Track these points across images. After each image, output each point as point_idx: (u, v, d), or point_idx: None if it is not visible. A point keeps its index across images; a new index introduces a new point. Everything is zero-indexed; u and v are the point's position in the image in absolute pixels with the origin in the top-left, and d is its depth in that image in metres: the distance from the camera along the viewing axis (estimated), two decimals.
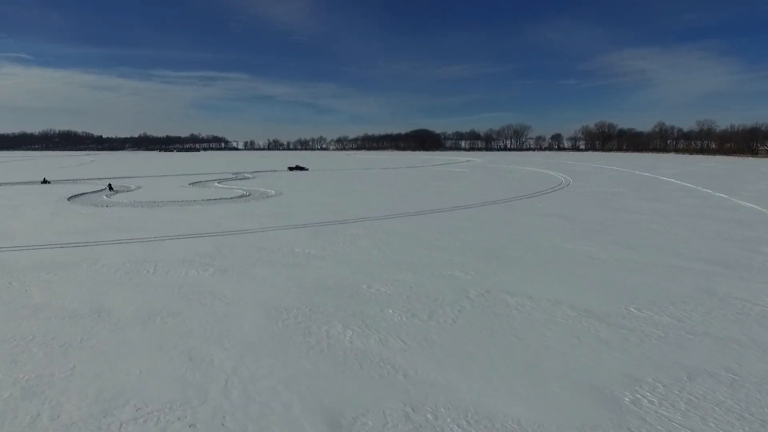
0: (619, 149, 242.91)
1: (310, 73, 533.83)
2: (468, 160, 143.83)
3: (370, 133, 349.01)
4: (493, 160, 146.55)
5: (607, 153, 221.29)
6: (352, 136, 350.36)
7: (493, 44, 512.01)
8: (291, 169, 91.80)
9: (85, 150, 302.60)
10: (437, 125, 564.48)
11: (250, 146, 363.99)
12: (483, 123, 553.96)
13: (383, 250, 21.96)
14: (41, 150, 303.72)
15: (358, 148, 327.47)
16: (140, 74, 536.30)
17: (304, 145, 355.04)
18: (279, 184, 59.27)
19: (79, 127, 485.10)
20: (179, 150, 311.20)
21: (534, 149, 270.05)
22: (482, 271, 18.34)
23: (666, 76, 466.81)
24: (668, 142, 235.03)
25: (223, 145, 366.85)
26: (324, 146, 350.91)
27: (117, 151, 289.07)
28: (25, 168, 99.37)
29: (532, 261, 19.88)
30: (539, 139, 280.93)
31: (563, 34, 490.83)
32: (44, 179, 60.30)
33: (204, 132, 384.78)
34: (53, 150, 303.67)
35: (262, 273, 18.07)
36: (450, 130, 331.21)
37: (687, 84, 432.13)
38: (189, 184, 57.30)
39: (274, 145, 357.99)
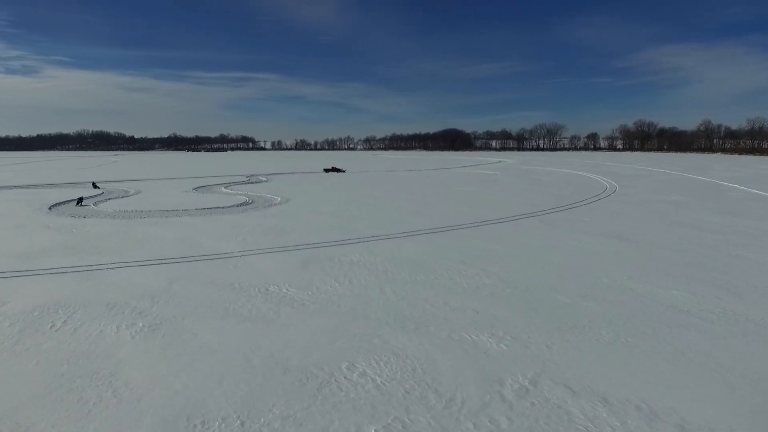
0: (660, 149, 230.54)
1: (339, 72, 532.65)
2: (499, 161, 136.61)
3: (398, 132, 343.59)
4: (526, 160, 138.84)
5: (647, 153, 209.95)
6: (380, 135, 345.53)
7: (524, 42, 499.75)
8: (327, 171, 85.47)
9: (117, 150, 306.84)
10: (467, 125, 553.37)
11: (277, 146, 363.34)
12: (514, 122, 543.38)
13: (385, 290, 16.32)
14: (75, 150, 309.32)
15: (386, 148, 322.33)
16: (174, 76, 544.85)
17: (331, 145, 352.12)
18: (290, 189, 54.29)
19: (113, 127, 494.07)
20: (207, 150, 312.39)
21: (568, 149, 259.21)
22: (523, 335, 12.51)
23: (707, 73, 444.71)
24: (714, 141, 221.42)
25: (251, 145, 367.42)
26: (351, 146, 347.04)
27: (146, 151, 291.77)
28: (42, 169, 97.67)
29: (593, 315, 13.92)
30: (574, 138, 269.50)
31: (597, 30, 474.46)
32: (94, 183, 54.74)
33: (233, 132, 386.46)
34: (86, 150, 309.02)
35: (206, 334, 12.68)
36: (480, 130, 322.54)
37: (730, 81, 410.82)
38: (193, 189, 52.80)
39: (302, 145, 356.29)
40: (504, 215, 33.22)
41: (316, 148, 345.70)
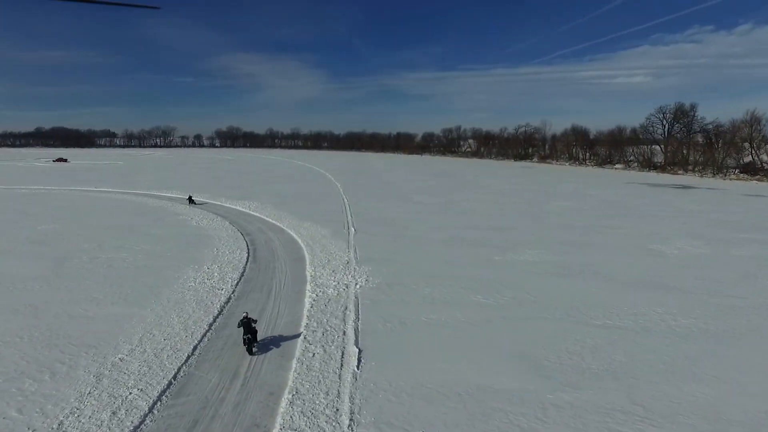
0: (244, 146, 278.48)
1: None
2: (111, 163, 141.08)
3: None
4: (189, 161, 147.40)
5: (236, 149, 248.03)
6: None
7: (97, 31, 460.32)
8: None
9: None
10: (30, 119, 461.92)
11: None
12: (88, 118, 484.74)
13: None
14: None
15: None
16: None
17: None
18: None
19: None
20: None
21: (180, 146, 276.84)
22: None
23: (273, 81, 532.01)
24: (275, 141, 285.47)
25: None
26: None
27: None
28: None
29: None
30: (184, 138, 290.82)
31: (178, 30, 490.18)
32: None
33: None
34: None
35: None
36: (47, 126, 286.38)
37: (290, 90, 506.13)
38: None
39: None
40: None
41: None
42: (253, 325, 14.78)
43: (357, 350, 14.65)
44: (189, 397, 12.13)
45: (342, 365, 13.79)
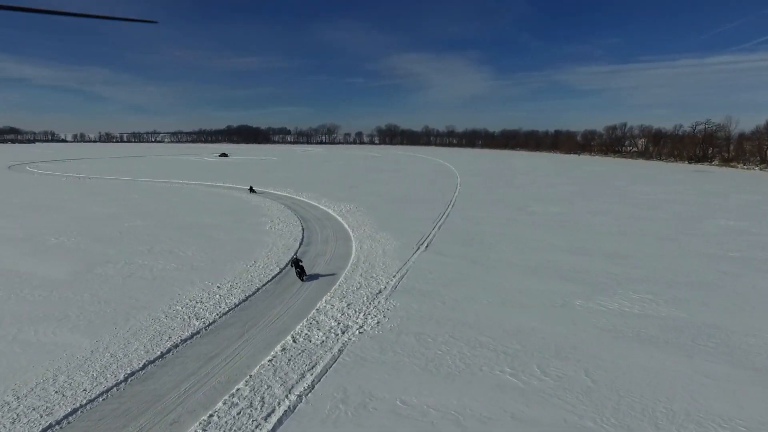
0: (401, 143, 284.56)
1: (75, 54, 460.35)
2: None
3: (157, 127, 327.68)
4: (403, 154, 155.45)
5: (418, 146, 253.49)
6: (132, 128, 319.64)
7: (284, 38, 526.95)
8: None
9: None
10: (226, 119, 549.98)
11: None
12: (275, 117, 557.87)
13: None
14: None
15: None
16: None
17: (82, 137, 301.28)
18: None
19: None
20: None
21: (342, 143, 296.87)
22: None
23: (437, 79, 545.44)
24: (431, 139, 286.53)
25: None
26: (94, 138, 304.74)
27: None
28: None
29: None
30: (346, 135, 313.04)
31: (349, 34, 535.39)
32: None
33: None
34: None
35: None
36: (235, 123, 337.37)
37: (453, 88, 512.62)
38: None
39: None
40: None
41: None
42: (300, 263, 22.76)
43: None
44: None
45: None
